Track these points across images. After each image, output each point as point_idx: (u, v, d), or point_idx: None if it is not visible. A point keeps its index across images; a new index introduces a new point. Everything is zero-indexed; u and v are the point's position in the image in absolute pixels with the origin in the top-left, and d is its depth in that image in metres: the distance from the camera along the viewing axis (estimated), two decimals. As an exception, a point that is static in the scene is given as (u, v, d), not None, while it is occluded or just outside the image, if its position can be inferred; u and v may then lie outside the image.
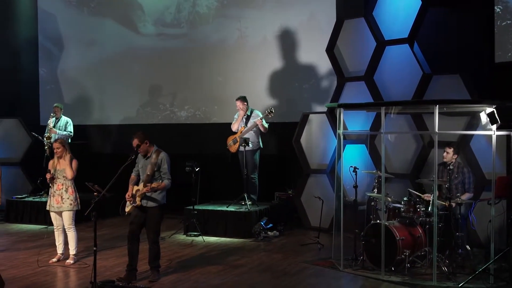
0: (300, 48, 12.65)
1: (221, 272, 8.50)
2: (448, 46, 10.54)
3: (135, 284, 7.72)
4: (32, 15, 15.09)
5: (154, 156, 8.07)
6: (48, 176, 8.99)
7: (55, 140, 9.24)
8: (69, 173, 8.90)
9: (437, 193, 8.18)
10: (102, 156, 14.02)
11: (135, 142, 8.02)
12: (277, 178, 12.70)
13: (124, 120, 14.44)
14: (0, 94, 14.47)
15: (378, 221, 8.68)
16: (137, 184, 8.14)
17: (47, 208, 9.08)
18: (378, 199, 9.03)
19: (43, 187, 13.10)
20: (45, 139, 12.64)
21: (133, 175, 8.29)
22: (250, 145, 11.44)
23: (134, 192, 8.06)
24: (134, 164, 8.25)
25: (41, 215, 12.38)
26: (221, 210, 11.36)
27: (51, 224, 9.09)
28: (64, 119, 12.95)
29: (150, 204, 8.03)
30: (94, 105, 14.82)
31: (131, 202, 8.08)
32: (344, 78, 11.55)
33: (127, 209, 8.20)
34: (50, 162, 9.16)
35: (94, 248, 7.56)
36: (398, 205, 8.83)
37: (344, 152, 9.84)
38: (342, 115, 9.00)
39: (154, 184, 7.90)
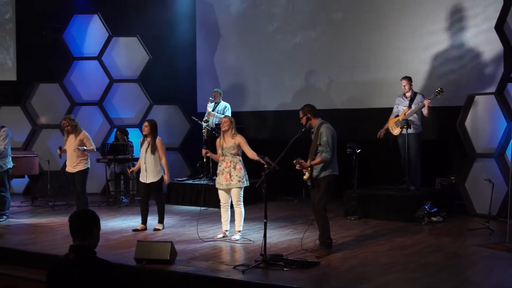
0: (463, 26, 12.05)
1: (389, 251, 8.24)
2: None
3: (304, 259, 7.63)
4: (191, 4, 15.50)
5: (316, 129, 8.03)
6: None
7: (225, 116, 9.38)
8: (250, 154, 9.01)
9: None
10: (258, 142, 13.99)
11: (300, 114, 8.14)
12: (438, 163, 12.19)
13: (279, 106, 14.46)
14: (160, 81, 15.01)
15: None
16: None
17: (216, 186, 9.22)
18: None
19: (202, 171, 13.42)
20: (203, 123, 12.90)
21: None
22: (412, 128, 11.03)
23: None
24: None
25: (200, 197, 12.67)
26: (382, 194, 11.11)
27: (210, 205, 9.13)
28: (222, 104, 13.19)
29: (319, 175, 8.00)
30: (250, 92, 14.95)
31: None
32: (516, 55, 10.86)
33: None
34: (217, 141, 9.30)
35: (264, 221, 7.60)
36: None
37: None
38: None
39: (315, 161, 7.90)
